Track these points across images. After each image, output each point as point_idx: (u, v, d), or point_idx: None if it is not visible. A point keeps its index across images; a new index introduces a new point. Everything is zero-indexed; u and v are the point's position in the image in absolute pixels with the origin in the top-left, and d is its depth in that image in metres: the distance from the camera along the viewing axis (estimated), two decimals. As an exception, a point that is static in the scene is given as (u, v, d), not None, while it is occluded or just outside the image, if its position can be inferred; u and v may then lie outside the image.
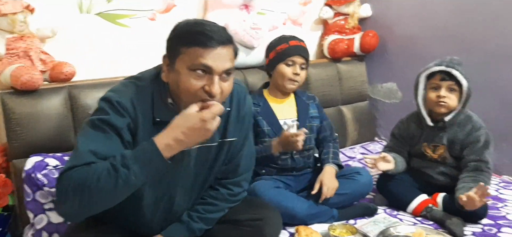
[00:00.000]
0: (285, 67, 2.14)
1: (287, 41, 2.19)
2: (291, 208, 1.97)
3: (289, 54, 2.14)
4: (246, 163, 1.65)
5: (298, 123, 2.14)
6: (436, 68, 2.07)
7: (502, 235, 1.91)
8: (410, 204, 2.11)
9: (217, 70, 1.28)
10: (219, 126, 1.32)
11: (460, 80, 2.01)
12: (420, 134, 2.19)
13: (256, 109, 2.14)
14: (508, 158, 2.54)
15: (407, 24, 2.99)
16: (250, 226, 1.59)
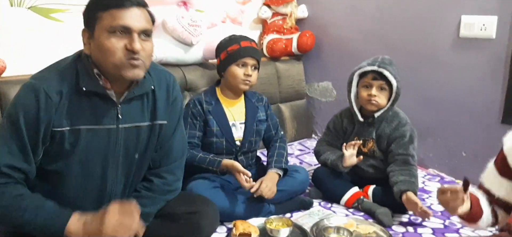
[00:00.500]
0: (237, 68, 2.12)
1: (238, 42, 2.16)
2: (229, 207, 1.99)
3: (240, 56, 2.12)
4: (178, 149, 1.64)
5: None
6: (369, 68, 2.17)
7: (426, 223, 2.05)
8: (343, 196, 2.21)
9: (135, 29, 1.34)
10: (147, 108, 1.47)
11: (390, 80, 2.12)
12: (352, 128, 2.30)
13: (208, 108, 2.14)
14: (433, 152, 2.72)
15: (341, 25, 3.11)
16: (187, 219, 1.59)
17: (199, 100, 2.15)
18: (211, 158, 2.04)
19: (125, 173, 1.53)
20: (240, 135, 2.18)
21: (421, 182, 2.51)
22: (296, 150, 3.10)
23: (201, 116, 2.13)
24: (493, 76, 2.39)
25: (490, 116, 2.43)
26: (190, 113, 2.13)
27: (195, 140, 2.11)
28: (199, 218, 1.60)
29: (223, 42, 2.22)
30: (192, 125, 2.12)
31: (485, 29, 2.37)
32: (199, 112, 2.13)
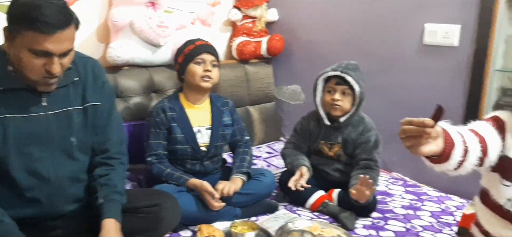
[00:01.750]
0: (195, 66, 2.11)
1: (193, 42, 2.18)
2: (194, 210, 1.98)
3: (196, 53, 2.12)
4: (118, 133, 1.69)
5: None
6: (332, 72, 2.20)
7: (389, 227, 2.09)
8: (308, 200, 2.22)
9: (57, 53, 1.35)
10: (76, 93, 1.52)
11: (353, 85, 2.15)
12: (318, 132, 2.32)
13: (171, 115, 2.11)
14: (397, 156, 2.77)
15: (311, 30, 3.14)
16: (147, 212, 1.61)
17: (162, 108, 2.12)
18: (178, 175, 2.04)
19: (67, 158, 1.54)
20: (206, 140, 2.16)
21: (385, 186, 2.56)
22: (264, 152, 3.11)
23: (164, 125, 2.10)
24: (455, 83, 2.46)
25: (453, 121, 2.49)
26: (154, 122, 2.10)
27: (161, 150, 2.09)
28: (160, 211, 1.61)
29: (179, 48, 2.22)
30: (156, 134, 2.10)
31: (448, 37, 2.43)
32: (163, 120, 2.10)
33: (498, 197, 1.31)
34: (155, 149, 2.09)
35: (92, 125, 1.59)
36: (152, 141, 2.10)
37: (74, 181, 1.57)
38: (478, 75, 2.33)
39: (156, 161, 2.08)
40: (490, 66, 2.26)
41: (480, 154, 1.21)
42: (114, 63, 2.47)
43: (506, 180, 1.28)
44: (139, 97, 2.56)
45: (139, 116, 2.51)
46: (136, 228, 1.60)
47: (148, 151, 2.10)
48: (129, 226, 1.58)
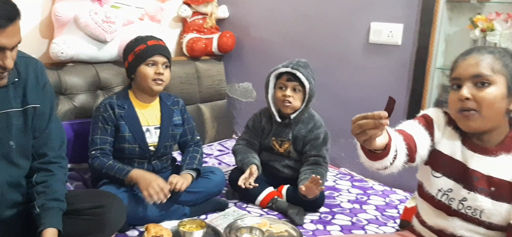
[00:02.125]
0: (146, 68, 2.04)
1: (145, 41, 2.09)
2: (141, 210, 1.94)
3: (148, 54, 2.04)
4: (57, 136, 1.63)
5: None
6: (283, 69, 2.22)
7: (336, 221, 2.13)
8: (258, 196, 2.24)
9: (9, 47, 1.33)
10: (16, 94, 1.46)
11: (303, 81, 2.18)
12: (269, 128, 2.34)
13: (120, 113, 2.05)
14: (345, 152, 2.84)
15: (261, 27, 3.16)
16: (91, 214, 1.56)
17: (111, 104, 2.05)
18: (119, 166, 1.97)
19: (6, 163, 1.48)
20: (155, 140, 2.11)
21: (333, 181, 2.62)
22: (216, 150, 3.10)
23: (112, 121, 2.04)
24: (398, 81, 2.55)
25: (396, 117, 2.55)
26: (101, 118, 2.03)
27: (106, 146, 2.03)
28: (104, 212, 1.57)
29: (129, 45, 2.12)
30: (103, 130, 2.03)
31: (392, 36, 2.52)
32: (111, 117, 2.03)
33: (430, 189, 1.38)
34: (100, 144, 2.02)
35: (31, 128, 1.53)
36: (98, 136, 2.03)
37: (13, 187, 1.50)
38: (420, 73, 2.42)
39: (100, 155, 2.01)
40: (431, 64, 2.36)
41: (406, 151, 1.26)
42: (58, 59, 2.38)
43: (436, 171, 1.36)
44: (85, 95, 2.48)
45: (84, 114, 2.44)
46: (80, 231, 1.56)
47: (92, 146, 2.02)
48: (73, 229, 1.54)
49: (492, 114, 1.25)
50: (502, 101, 1.24)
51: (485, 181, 1.28)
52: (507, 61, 1.26)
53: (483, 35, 2.12)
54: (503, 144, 1.28)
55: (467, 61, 1.27)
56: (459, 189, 1.31)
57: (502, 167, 1.27)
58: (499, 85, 1.23)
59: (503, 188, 1.26)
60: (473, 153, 1.31)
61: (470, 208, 1.29)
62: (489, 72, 1.23)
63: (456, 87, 1.29)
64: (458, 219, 1.32)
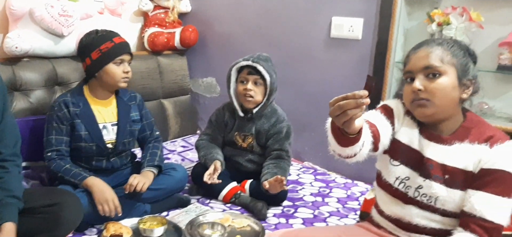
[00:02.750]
0: (114, 66, 1.97)
1: (110, 38, 2.00)
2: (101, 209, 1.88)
3: (116, 53, 1.98)
4: (11, 135, 1.60)
5: None
6: (244, 62, 2.21)
7: (298, 214, 2.15)
8: (221, 192, 2.22)
9: None
10: None
11: (264, 75, 2.18)
12: (233, 123, 2.32)
13: (75, 110, 1.97)
14: (308, 146, 2.86)
15: (224, 21, 3.14)
16: (46, 212, 1.54)
17: (65, 102, 1.97)
18: (75, 171, 1.91)
19: None
20: (112, 137, 2.05)
21: (296, 175, 2.63)
22: (179, 146, 3.06)
23: (67, 120, 1.96)
24: (359, 75, 2.57)
25: (358, 111, 2.61)
26: (55, 117, 1.95)
27: (63, 147, 1.96)
28: (59, 210, 1.55)
29: (91, 40, 2.01)
30: (58, 130, 1.96)
31: (353, 31, 2.55)
32: (65, 115, 1.96)
33: (388, 177, 1.41)
34: (56, 145, 1.95)
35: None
36: (53, 137, 1.96)
37: None
38: (379, 67, 2.46)
39: (57, 157, 1.95)
40: (390, 58, 2.40)
41: (372, 138, 1.29)
42: (12, 54, 2.29)
43: (394, 160, 1.39)
44: (41, 91, 2.41)
45: (41, 110, 2.36)
46: (35, 229, 1.53)
47: (48, 147, 1.96)
48: (28, 228, 1.51)
49: (444, 103, 1.28)
50: (453, 91, 1.28)
51: (439, 169, 1.32)
52: (456, 51, 1.30)
53: (439, 29, 2.17)
54: (457, 133, 1.32)
55: (418, 54, 1.31)
56: (415, 177, 1.35)
57: (456, 156, 1.30)
58: (449, 75, 1.27)
59: (456, 176, 1.29)
60: (429, 142, 1.35)
61: (425, 195, 1.33)
62: (438, 63, 1.27)
63: (410, 80, 1.32)
64: (414, 207, 1.35)
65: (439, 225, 1.33)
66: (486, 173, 1.25)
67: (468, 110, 1.37)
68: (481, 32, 2.15)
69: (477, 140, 1.29)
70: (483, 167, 1.26)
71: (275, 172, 2.12)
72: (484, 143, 1.28)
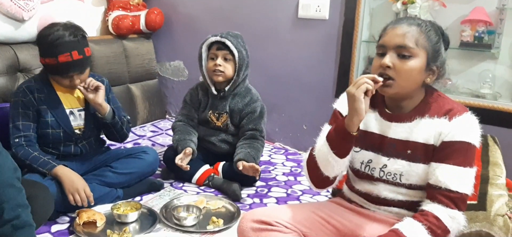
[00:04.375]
0: (60, 78, 1.88)
1: (55, 55, 1.80)
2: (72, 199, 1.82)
3: (60, 73, 1.86)
4: None
5: None
6: (213, 38, 2.22)
7: (272, 193, 2.18)
8: (194, 175, 2.22)
9: None
10: None
11: (232, 50, 2.18)
12: (206, 102, 2.32)
13: (40, 97, 1.91)
14: (278, 127, 2.89)
15: (189, 3, 3.10)
16: None
17: (30, 88, 1.90)
18: (43, 160, 1.84)
19: None
20: (80, 123, 2.00)
21: (268, 156, 2.66)
22: (148, 131, 3.02)
23: (33, 106, 1.89)
24: (327, 55, 2.62)
25: (326, 91, 2.66)
26: (21, 103, 1.88)
27: (30, 132, 1.89)
28: (30, 202, 1.46)
29: (41, 43, 1.87)
30: (24, 116, 1.89)
31: (320, 11, 2.57)
32: (31, 101, 1.89)
33: (353, 163, 1.45)
34: (23, 130, 1.88)
35: None
36: (20, 123, 1.88)
37: None
38: (347, 46, 2.50)
39: (24, 143, 1.88)
40: (357, 37, 2.44)
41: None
42: (-32, 40, 2.19)
43: (355, 147, 1.42)
44: (3, 78, 2.33)
45: (4, 98, 2.28)
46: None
47: (15, 133, 1.88)
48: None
49: (408, 84, 1.32)
50: (419, 74, 1.32)
51: (402, 146, 1.36)
52: (431, 35, 1.32)
53: (404, 8, 2.23)
54: (417, 109, 1.37)
55: (395, 30, 1.32)
56: (379, 158, 1.39)
57: (417, 130, 1.35)
58: (419, 59, 1.30)
59: (418, 150, 1.34)
60: (390, 123, 1.39)
61: (390, 173, 1.38)
62: (412, 44, 1.29)
63: (381, 54, 1.34)
64: (382, 183, 1.40)
65: (406, 197, 1.38)
66: (447, 146, 1.30)
67: (429, 86, 1.41)
68: (444, 11, 2.22)
69: (437, 114, 1.33)
70: (444, 140, 1.30)
71: (248, 151, 2.14)
72: (443, 117, 1.32)
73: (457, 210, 1.27)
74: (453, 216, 1.26)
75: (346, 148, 1.34)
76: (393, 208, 1.39)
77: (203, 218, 1.86)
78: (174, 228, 1.80)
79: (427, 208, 1.29)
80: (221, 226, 1.82)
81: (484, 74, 2.27)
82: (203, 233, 1.78)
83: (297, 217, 1.42)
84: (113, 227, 1.79)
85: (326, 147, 1.35)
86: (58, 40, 1.81)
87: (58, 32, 1.82)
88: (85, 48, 1.89)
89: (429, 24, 1.35)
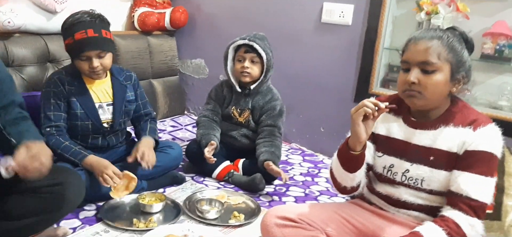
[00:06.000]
0: (80, 62, 1.91)
1: (72, 34, 1.87)
2: (99, 185, 1.89)
3: (77, 51, 1.89)
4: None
5: None
6: (241, 41, 2.28)
7: (290, 193, 2.23)
8: (214, 170, 2.28)
9: None
10: None
11: (260, 52, 2.24)
12: (230, 98, 2.39)
13: (70, 89, 1.96)
14: (295, 128, 2.94)
15: (213, 4, 3.16)
16: (50, 192, 1.52)
17: (60, 79, 1.95)
18: (75, 150, 1.90)
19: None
20: (108, 117, 2.05)
21: (285, 156, 2.71)
22: (168, 126, 3.09)
23: (64, 97, 1.95)
24: (348, 59, 2.66)
25: (345, 95, 2.71)
26: (53, 94, 1.93)
27: (61, 123, 1.95)
28: (63, 189, 1.53)
29: (63, 28, 1.94)
30: (56, 106, 1.94)
31: (343, 16, 2.62)
32: (62, 92, 1.94)
33: (375, 167, 1.50)
34: (55, 120, 1.93)
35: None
36: (51, 113, 1.94)
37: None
38: (369, 52, 2.55)
39: (55, 133, 1.93)
40: (380, 44, 2.49)
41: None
42: (4, 29, 2.27)
43: (377, 152, 1.49)
44: (33, 67, 2.40)
45: (34, 87, 2.36)
46: (38, 209, 1.52)
47: (47, 123, 1.93)
48: (31, 207, 1.51)
49: (435, 97, 1.36)
50: (445, 86, 1.36)
51: (425, 152, 1.40)
52: (454, 45, 1.35)
53: (428, 18, 2.27)
54: (442, 118, 1.41)
55: (417, 46, 1.36)
56: (401, 163, 1.44)
57: (441, 138, 1.39)
58: (443, 72, 1.34)
59: (441, 157, 1.38)
60: (414, 130, 1.43)
61: (412, 178, 1.42)
62: (435, 59, 1.33)
63: (405, 69, 1.39)
64: (403, 187, 1.44)
65: (426, 202, 1.42)
66: (470, 155, 1.34)
67: (455, 96, 1.45)
68: (466, 22, 2.26)
69: (461, 124, 1.37)
70: (468, 149, 1.34)
71: (273, 151, 2.20)
72: (468, 126, 1.36)
73: (477, 218, 1.30)
74: (472, 224, 1.30)
75: (354, 165, 1.41)
76: (413, 212, 1.43)
77: (224, 212, 1.92)
78: (197, 220, 1.86)
79: (447, 214, 1.32)
80: (243, 221, 1.88)
81: (503, 87, 2.30)
82: (225, 227, 1.84)
83: (320, 215, 1.47)
84: (138, 216, 1.86)
85: (337, 162, 1.43)
86: (76, 21, 1.88)
87: (77, 16, 1.91)
88: (103, 30, 1.92)
89: (451, 33, 1.38)
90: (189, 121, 3.23)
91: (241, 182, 2.22)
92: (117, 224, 1.79)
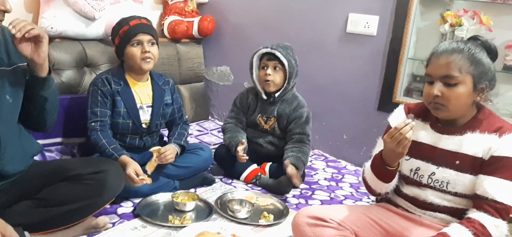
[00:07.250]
0: (132, 48, 2.06)
1: (128, 22, 2.10)
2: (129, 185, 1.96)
3: (131, 35, 2.06)
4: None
5: None
6: (264, 50, 2.37)
7: (316, 196, 2.31)
8: (242, 173, 2.37)
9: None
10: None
11: (282, 60, 2.33)
12: (255, 105, 2.48)
13: (116, 88, 2.08)
14: (318, 135, 3.01)
15: (240, 13, 3.26)
16: (92, 179, 1.61)
17: (107, 79, 2.09)
18: (111, 149, 1.99)
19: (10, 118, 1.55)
20: (147, 118, 2.16)
21: (309, 161, 2.77)
22: (195, 130, 3.19)
23: (110, 95, 2.07)
24: (372, 69, 2.74)
25: (369, 103, 2.78)
26: (100, 92, 2.06)
27: (106, 119, 2.06)
28: (105, 177, 1.63)
29: (114, 27, 2.15)
30: (103, 103, 2.06)
31: (368, 27, 2.70)
32: (109, 91, 2.07)
33: (402, 170, 1.58)
34: (100, 116, 2.05)
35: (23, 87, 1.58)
36: (98, 109, 2.05)
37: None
38: (393, 62, 2.62)
39: (99, 128, 2.04)
40: (404, 54, 2.56)
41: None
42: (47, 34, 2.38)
43: (405, 155, 1.51)
44: (71, 71, 2.51)
45: (71, 90, 2.47)
46: (80, 196, 1.61)
47: (92, 118, 2.05)
48: (74, 194, 1.60)
49: (458, 108, 1.44)
50: (468, 97, 1.43)
51: (451, 156, 1.47)
52: (475, 56, 1.41)
53: (452, 30, 2.33)
54: (468, 124, 1.48)
55: (439, 60, 1.43)
56: (427, 166, 1.51)
57: (467, 144, 1.46)
58: (465, 84, 1.41)
59: (466, 162, 1.45)
60: (441, 135, 1.50)
61: (437, 181, 1.49)
62: (457, 73, 1.40)
63: (430, 82, 1.46)
64: (429, 189, 1.51)
65: (451, 204, 1.48)
66: (496, 160, 1.40)
67: (480, 104, 1.50)
68: (489, 35, 2.32)
69: (487, 130, 1.44)
70: (493, 155, 1.41)
71: (299, 156, 2.28)
72: (494, 133, 1.42)
73: (501, 220, 1.37)
74: (497, 224, 1.36)
75: (390, 176, 1.51)
76: (438, 214, 1.50)
77: (254, 212, 2.00)
78: (229, 219, 1.95)
79: (473, 216, 1.39)
80: (272, 221, 1.96)
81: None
82: (255, 226, 1.92)
83: (349, 216, 1.54)
84: (173, 213, 1.95)
85: (371, 174, 1.54)
86: (131, 15, 2.14)
87: (128, 16, 2.15)
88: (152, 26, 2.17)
89: (473, 44, 1.43)
90: (214, 126, 3.33)
91: (268, 184, 2.30)
92: (153, 220, 1.87)
